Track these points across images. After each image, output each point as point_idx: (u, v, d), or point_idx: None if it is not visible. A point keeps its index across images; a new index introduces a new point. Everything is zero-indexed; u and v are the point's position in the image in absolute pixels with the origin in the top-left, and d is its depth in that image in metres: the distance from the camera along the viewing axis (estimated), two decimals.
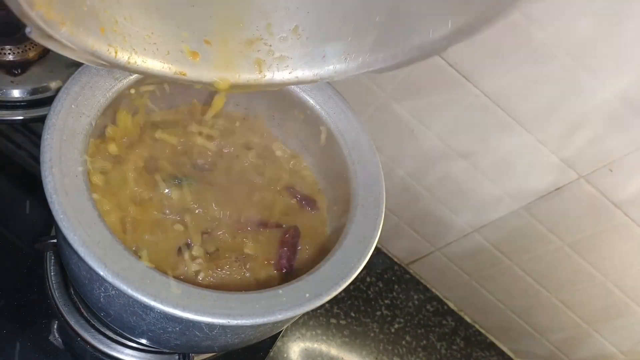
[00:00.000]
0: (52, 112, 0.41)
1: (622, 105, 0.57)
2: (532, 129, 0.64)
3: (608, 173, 0.62)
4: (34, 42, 0.67)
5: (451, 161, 0.73)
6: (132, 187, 0.49)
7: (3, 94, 0.64)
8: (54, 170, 0.39)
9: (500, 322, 0.90)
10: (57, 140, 0.40)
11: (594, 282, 0.74)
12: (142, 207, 0.48)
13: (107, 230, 0.38)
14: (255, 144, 0.61)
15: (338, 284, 0.44)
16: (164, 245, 0.47)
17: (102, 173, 0.48)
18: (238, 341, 0.46)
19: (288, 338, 0.77)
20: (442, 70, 0.64)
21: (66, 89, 0.43)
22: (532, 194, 0.70)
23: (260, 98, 0.60)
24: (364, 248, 0.47)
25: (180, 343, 0.45)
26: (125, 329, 0.46)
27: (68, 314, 0.56)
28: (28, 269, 0.58)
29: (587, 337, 0.82)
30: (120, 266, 0.37)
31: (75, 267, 0.43)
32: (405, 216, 0.85)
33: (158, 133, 0.54)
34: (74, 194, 0.38)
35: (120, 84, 0.47)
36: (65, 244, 0.41)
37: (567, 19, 0.53)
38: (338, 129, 0.56)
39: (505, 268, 0.81)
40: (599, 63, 0.55)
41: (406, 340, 0.84)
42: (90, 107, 0.44)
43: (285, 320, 0.44)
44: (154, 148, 0.53)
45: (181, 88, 0.53)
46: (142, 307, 0.39)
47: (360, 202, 0.51)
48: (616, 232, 0.67)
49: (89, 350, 0.56)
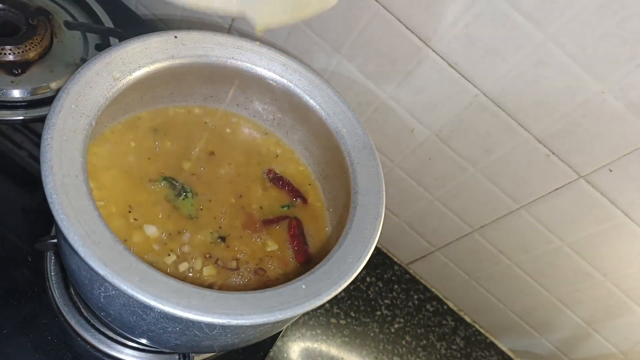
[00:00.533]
0: (52, 112, 0.41)
1: (622, 105, 0.57)
2: (532, 129, 0.64)
3: (608, 173, 0.62)
4: (34, 42, 0.67)
5: (451, 161, 0.73)
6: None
7: (3, 94, 0.64)
8: (54, 170, 0.39)
9: (500, 322, 0.90)
10: (57, 141, 0.40)
11: (594, 282, 0.74)
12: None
13: (107, 230, 0.38)
14: (248, 142, 0.61)
15: (338, 284, 0.44)
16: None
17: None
18: (238, 341, 0.46)
19: (288, 338, 0.77)
20: (441, 70, 0.64)
21: (66, 89, 0.43)
22: (532, 194, 0.70)
23: (260, 98, 0.60)
24: (363, 248, 0.47)
25: (181, 343, 0.45)
26: (126, 328, 0.46)
27: (68, 314, 0.56)
28: (28, 269, 0.58)
29: (587, 337, 0.82)
30: (121, 266, 0.37)
31: (75, 267, 0.43)
32: (405, 216, 0.85)
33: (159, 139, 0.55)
34: (74, 194, 0.38)
35: (120, 84, 0.47)
36: (66, 244, 0.41)
37: (567, 19, 0.53)
38: (338, 129, 0.56)
39: (505, 268, 0.81)
40: (599, 63, 0.55)
41: (406, 340, 0.84)
42: (90, 107, 0.44)
43: (285, 320, 0.44)
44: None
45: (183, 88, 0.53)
46: (142, 307, 0.39)
47: (360, 202, 0.51)
48: (616, 232, 0.67)
49: (89, 350, 0.56)
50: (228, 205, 0.55)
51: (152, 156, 0.54)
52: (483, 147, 0.69)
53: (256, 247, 0.53)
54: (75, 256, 0.38)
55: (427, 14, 0.60)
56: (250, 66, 0.56)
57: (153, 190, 0.52)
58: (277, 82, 0.57)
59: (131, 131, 0.55)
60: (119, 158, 0.52)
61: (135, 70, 0.48)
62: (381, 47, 0.66)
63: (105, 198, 0.49)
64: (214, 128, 0.60)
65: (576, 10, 0.53)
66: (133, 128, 0.55)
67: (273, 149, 0.62)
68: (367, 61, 0.69)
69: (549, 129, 0.62)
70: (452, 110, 0.67)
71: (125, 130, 0.54)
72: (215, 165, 0.57)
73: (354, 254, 0.46)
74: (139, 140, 0.54)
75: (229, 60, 0.55)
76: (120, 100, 0.49)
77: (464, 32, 0.59)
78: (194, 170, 0.55)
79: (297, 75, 0.57)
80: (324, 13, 0.67)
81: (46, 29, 0.69)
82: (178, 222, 0.51)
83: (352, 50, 0.69)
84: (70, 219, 0.37)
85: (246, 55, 0.55)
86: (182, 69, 0.52)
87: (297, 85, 0.57)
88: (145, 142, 0.55)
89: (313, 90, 0.57)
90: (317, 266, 0.45)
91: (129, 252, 0.38)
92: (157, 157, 0.54)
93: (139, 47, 0.49)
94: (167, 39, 0.51)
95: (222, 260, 0.51)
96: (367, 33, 0.66)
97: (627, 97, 0.56)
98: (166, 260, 0.48)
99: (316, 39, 0.70)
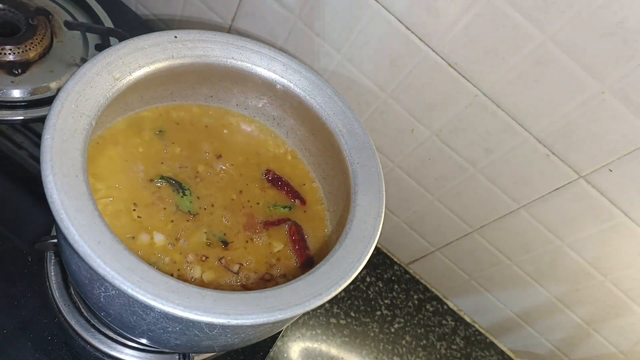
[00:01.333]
0: (52, 112, 0.41)
1: (622, 104, 0.56)
2: (532, 129, 0.64)
3: (608, 173, 0.62)
4: (34, 42, 0.67)
5: (451, 161, 0.73)
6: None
7: (3, 94, 0.64)
8: (55, 170, 0.38)
9: (500, 322, 0.90)
10: (57, 140, 0.40)
11: (594, 282, 0.74)
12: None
13: (108, 230, 0.38)
14: (248, 142, 0.61)
15: (338, 284, 0.44)
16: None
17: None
18: (238, 341, 0.46)
19: (288, 338, 0.77)
20: (442, 70, 0.64)
21: (66, 89, 0.43)
22: (532, 194, 0.70)
23: (260, 98, 0.60)
24: (363, 248, 0.47)
25: (181, 343, 0.45)
26: (126, 328, 0.46)
27: (68, 314, 0.56)
28: (28, 269, 0.58)
29: (587, 337, 0.82)
30: (120, 266, 0.37)
31: (75, 267, 0.43)
32: (405, 216, 0.85)
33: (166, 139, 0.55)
34: (74, 194, 0.38)
35: (120, 84, 0.47)
36: (66, 244, 0.41)
37: (567, 19, 0.53)
38: (338, 129, 0.56)
39: (505, 268, 0.81)
40: (599, 63, 0.55)
41: (406, 340, 0.84)
42: (91, 107, 0.44)
43: (285, 320, 0.44)
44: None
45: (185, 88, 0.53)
46: (142, 306, 0.39)
47: (360, 201, 0.51)
48: (616, 232, 0.67)
49: (89, 350, 0.56)
50: (228, 204, 0.55)
51: (154, 156, 0.54)
52: (483, 147, 0.69)
53: (262, 250, 0.53)
54: (75, 256, 0.38)
55: (427, 14, 0.60)
56: (250, 66, 0.56)
57: (156, 187, 0.52)
58: (277, 82, 0.57)
59: (133, 129, 0.55)
60: (124, 159, 0.53)
61: (136, 70, 0.48)
62: (381, 47, 0.66)
63: (114, 196, 0.49)
64: (213, 128, 0.60)
65: (576, 10, 0.53)
66: (135, 127, 0.55)
67: (272, 149, 0.62)
68: (367, 61, 0.69)
69: (549, 129, 0.62)
70: (452, 110, 0.67)
71: (127, 130, 0.54)
72: (215, 165, 0.57)
73: (354, 254, 0.46)
74: (143, 142, 0.55)
75: (229, 60, 0.55)
76: (121, 100, 0.49)
77: (464, 32, 0.59)
78: (194, 169, 0.55)
79: (297, 75, 0.57)
80: (324, 13, 0.67)
81: (46, 29, 0.69)
82: (180, 220, 0.51)
83: (352, 50, 0.69)
84: (70, 219, 0.37)
85: (246, 55, 0.55)
86: (182, 69, 0.52)
87: (297, 85, 0.57)
88: (149, 142, 0.55)
89: (313, 90, 0.57)
90: (316, 266, 0.45)
91: (129, 251, 0.38)
92: (160, 157, 0.55)
93: (139, 47, 0.49)
94: (167, 39, 0.51)
95: (226, 261, 0.51)
96: (367, 33, 0.66)
97: (627, 97, 0.56)
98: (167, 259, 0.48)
99: (316, 39, 0.70)
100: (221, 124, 0.61)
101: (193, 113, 0.60)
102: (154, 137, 0.56)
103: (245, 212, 0.55)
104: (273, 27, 0.74)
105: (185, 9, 0.82)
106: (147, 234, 0.49)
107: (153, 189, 0.52)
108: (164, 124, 0.57)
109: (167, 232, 0.50)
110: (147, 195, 0.51)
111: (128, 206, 0.50)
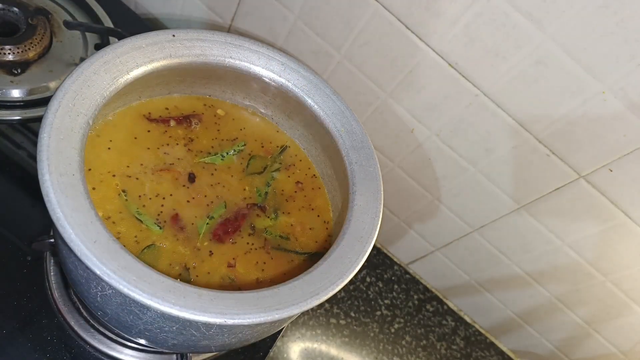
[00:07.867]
0: (49, 111, 0.41)
1: (622, 104, 0.56)
2: (532, 129, 0.63)
3: (608, 173, 0.62)
4: (34, 42, 0.67)
5: (451, 161, 0.73)
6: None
7: (3, 93, 0.64)
8: (51, 170, 0.38)
9: (500, 322, 0.90)
10: (54, 140, 0.40)
11: (594, 282, 0.74)
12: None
13: (104, 229, 0.38)
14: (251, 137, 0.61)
15: (335, 284, 0.43)
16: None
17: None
18: (236, 341, 0.46)
19: (288, 338, 0.77)
20: (442, 70, 0.64)
21: (63, 88, 0.43)
22: (532, 194, 0.70)
23: (258, 97, 0.60)
24: (361, 247, 0.47)
25: (178, 343, 0.45)
26: (123, 328, 0.46)
27: (68, 314, 0.56)
28: (28, 269, 0.58)
29: (587, 337, 0.82)
30: (117, 265, 0.37)
31: (72, 266, 0.43)
32: (405, 216, 0.85)
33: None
34: (71, 193, 0.38)
35: (117, 82, 0.47)
36: (62, 243, 0.41)
37: (567, 19, 0.53)
38: (336, 128, 0.56)
39: (505, 268, 0.81)
40: (599, 63, 0.55)
41: (406, 340, 0.84)
42: (88, 106, 0.44)
43: (283, 320, 0.44)
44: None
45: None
46: (139, 306, 0.39)
47: (358, 201, 0.51)
48: (616, 232, 0.67)
49: (88, 351, 0.56)
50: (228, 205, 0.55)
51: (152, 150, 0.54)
52: (483, 147, 0.69)
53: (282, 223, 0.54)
54: (72, 255, 0.38)
55: (427, 13, 0.60)
56: (249, 65, 0.56)
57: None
58: (275, 81, 0.57)
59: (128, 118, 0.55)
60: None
61: (133, 69, 0.48)
62: (381, 46, 0.66)
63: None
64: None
65: (576, 10, 0.52)
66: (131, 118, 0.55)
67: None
68: (367, 61, 0.69)
69: (549, 129, 0.62)
70: (452, 110, 0.67)
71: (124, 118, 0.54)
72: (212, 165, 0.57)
73: (352, 254, 0.46)
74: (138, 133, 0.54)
75: (227, 59, 0.55)
76: (118, 99, 0.49)
77: (464, 32, 0.59)
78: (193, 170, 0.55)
79: (295, 74, 0.57)
80: (324, 13, 0.67)
81: (46, 28, 0.69)
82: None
83: (352, 50, 0.69)
84: (67, 218, 0.37)
85: (244, 54, 0.55)
86: (180, 68, 0.52)
87: (295, 84, 0.57)
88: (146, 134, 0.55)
89: (311, 89, 0.57)
90: (314, 265, 0.45)
91: (126, 251, 0.38)
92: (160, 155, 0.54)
93: (136, 46, 0.49)
94: (165, 38, 0.51)
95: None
96: (367, 33, 0.66)
97: (627, 97, 0.56)
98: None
99: (316, 38, 0.70)
100: (219, 123, 0.61)
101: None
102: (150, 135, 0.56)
103: (242, 212, 0.55)
104: (273, 27, 0.74)
105: (185, 9, 0.82)
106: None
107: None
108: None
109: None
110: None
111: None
